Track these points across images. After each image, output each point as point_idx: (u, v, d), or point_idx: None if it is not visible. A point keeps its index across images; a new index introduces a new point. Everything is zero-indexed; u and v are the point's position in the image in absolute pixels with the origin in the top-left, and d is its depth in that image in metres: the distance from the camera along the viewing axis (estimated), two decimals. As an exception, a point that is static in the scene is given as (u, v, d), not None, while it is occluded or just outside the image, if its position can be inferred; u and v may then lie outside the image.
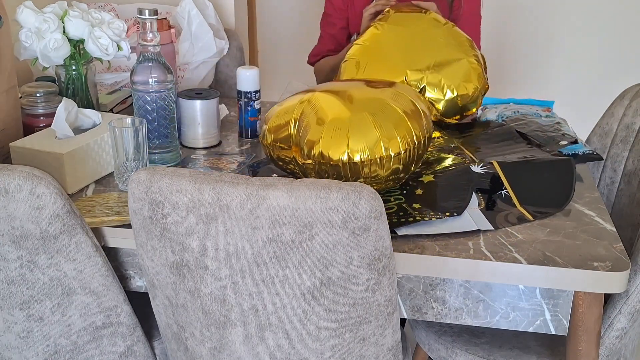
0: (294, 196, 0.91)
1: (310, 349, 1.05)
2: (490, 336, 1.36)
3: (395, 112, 1.21)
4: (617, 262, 1.08)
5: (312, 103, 1.24)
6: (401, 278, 1.15)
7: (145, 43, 1.38)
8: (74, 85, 1.55)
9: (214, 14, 1.97)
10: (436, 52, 1.61)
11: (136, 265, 1.25)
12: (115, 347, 1.22)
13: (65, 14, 1.48)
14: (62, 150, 1.30)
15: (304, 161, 1.22)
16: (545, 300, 1.13)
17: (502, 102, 1.76)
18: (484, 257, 1.09)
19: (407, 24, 1.65)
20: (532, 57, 3.10)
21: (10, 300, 1.12)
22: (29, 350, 1.18)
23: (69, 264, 1.10)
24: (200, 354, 1.11)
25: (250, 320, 1.04)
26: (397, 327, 1.07)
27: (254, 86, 1.59)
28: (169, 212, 0.97)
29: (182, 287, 1.04)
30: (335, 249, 0.94)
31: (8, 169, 1.01)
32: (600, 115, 1.64)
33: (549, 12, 3.01)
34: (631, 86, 1.59)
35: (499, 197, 1.29)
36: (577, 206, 1.27)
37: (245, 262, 0.98)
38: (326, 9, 2.01)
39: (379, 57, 1.62)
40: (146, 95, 1.39)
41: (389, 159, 1.19)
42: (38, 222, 1.04)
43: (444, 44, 1.62)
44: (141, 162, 1.32)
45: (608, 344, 1.22)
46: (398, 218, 1.20)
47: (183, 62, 1.91)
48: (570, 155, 1.44)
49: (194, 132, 1.55)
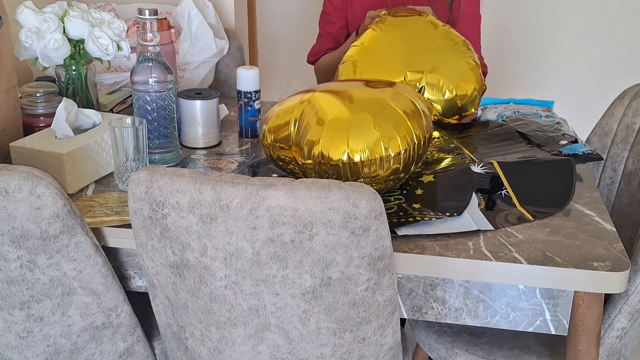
0: (294, 196, 0.91)
1: (310, 349, 1.05)
2: (490, 336, 1.36)
3: (395, 112, 1.21)
4: (617, 262, 1.08)
5: (312, 103, 1.24)
6: (401, 278, 1.15)
7: (145, 43, 1.38)
8: (74, 85, 1.55)
9: (214, 14, 1.97)
10: (434, 54, 1.61)
11: (136, 265, 1.25)
12: (115, 347, 1.22)
13: (65, 14, 1.48)
14: (62, 150, 1.30)
15: (304, 161, 1.22)
16: (545, 300, 1.13)
17: (502, 102, 1.76)
18: (484, 257, 1.09)
19: (404, 26, 1.65)
20: (532, 57, 3.10)
21: (10, 300, 1.12)
22: (29, 350, 1.18)
23: (69, 264, 1.10)
24: (200, 354, 1.11)
25: (250, 320, 1.04)
26: (397, 327, 1.07)
27: (254, 86, 1.59)
28: (169, 212, 0.97)
29: (182, 287, 1.04)
30: (335, 249, 0.94)
31: (8, 169, 1.01)
32: (600, 115, 1.64)
33: (549, 12, 3.01)
34: (631, 86, 1.59)
35: (499, 197, 1.29)
36: (577, 206, 1.27)
37: (245, 262, 0.98)
38: (325, 8, 2.00)
39: (377, 58, 1.62)
40: (146, 95, 1.39)
41: (389, 159, 1.19)
42: (38, 222, 1.04)
43: (442, 45, 1.63)
44: (141, 162, 1.32)
45: (608, 344, 1.22)
46: (398, 218, 1.20)
47: (183, 62, 1.91)
48: (570, 155, 1.44)
49: (194, 132, 1.55)
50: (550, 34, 3.05)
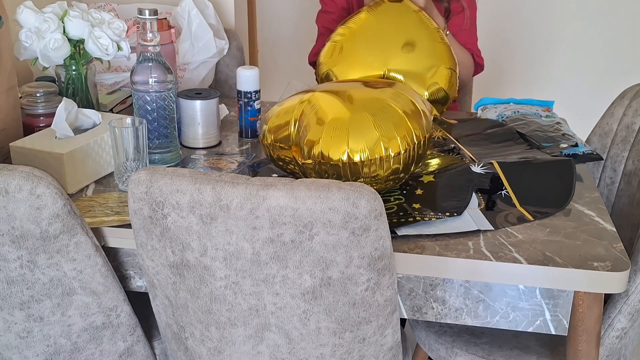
0: (294, 196, 0.91)
1: (310, 349, 1.05)
2: (490, 336, 1.36)
3: (395, 112, 1.21)
4: (617, 262, 1.08)
5: (312, 103, 1.24)
6: (401, 278, 1.15)
7: (145, 43, 1.38)
8: (74, 85, 1.55)
9: (214, 14, 1.97)
10: (420, 53, 1.60)
11: (136, 265, 1.25)
12: (115, 347, 1.22)
13: (65, 14, 1.47)
14: (62, 150, 1.30)
15: (304, 161, 1.22)
16: (545, 300, 1.12)
17: (502, 102, 1.76)
18: (484, 257, 1.09)
19: (397, 16, 1.63)
20: (532, 57, 3.10)
21: (10, 300, 1.12)
22: (29, 350, 1.18)
23: (69, 264, 1.10)
24: (200, 354, 1.11)
25: (250, 320, 1.04)
26: (397, 327, 1.07)
27: (254, 86, 1.59)
28: (169, 212, 0.97)
29: (182, 287, 1.04)
30: (335, 249, 0.94)
31: (8, 169, 1.01)
32: (600, 115, 1.64)
33: (549, 12, 3.01)
34: (631, 86, 1.59)
35: (499, 197, 1.29)
36: (577, 206, 1.27)
37: (245, 262, 0.98)
38: (326, 7, 1.98)
39: (361, 49, 1.61)
40: (146, 95, 1.39)
41: (389, 159, 1.19)
42: (38, 222, 1.04)
43: (426, 49, 1.61)
44: (141, 162, 1.32)
45: (608, 344, 1.22)
46: (398, 218, 1.20)
47: (183, 62, 1.91)
48: (570, 155, 1.44)
49: (194, 132, 1.55)
50: (551, 33, 3.05)
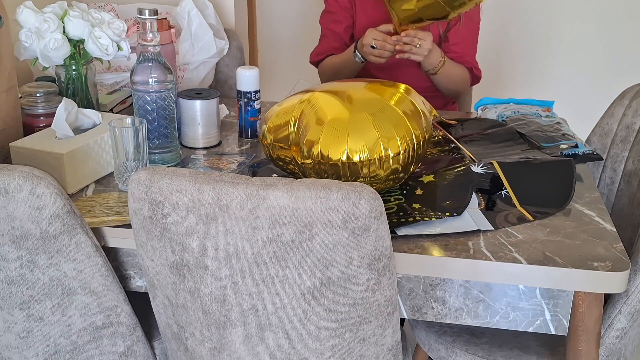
0: (294, 196, 0.91)
1: (310, 349, 1.05)
2: (490, 336, 1.35)
3: (394, 112, 1.21)
4: (617, 262, 1.08)
5: (311, 103, 1.24)
6: (401, 278, 1.15)
7: (145, 43, 1.38)
8: (74, 85, 1.55)
9: (214, 14, 1.97)
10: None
11: (136, 265, 1.25)
12: (115, 347, 1.22)
13: (65, 14, 1.47)
14: (62, 150, 1.30)
15: (304, 161, 1.22)
16: (545, 300, 1.12)
17: (502, 102, 1.76)
18: (484, 257, 1.09)
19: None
20: (532, 57, 3.10)
21: (10, 300, 1.12)
22: (29, 350, 1.18)
23: (69, 264, 1.10)
24: (200, 354, 1.11)
25: (250, 320, 1.04)
26: (397, 327, 1.07)
27: (254, 86, 1.59)
28: (169, 212, 0.97)
29: (182, 287, 1.04)
30: (335, 249, 0.94)
31: (8, 169, 1.01)
32: (600, 115, 1.64)
33: (549, 12, 3.01)
34: (631, 86, 1.59)
35: (499, 197, 1.29)
36: (577, 206, 1.27)
37: (245, 262, 0.98)
38: (330, 7, 1.98)
39: None
40: (146, 95, 1.39)
41: (389, 159, 1.19)
42: (38, 222, 1.04)
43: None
44: (141, 162, 1.32)
45: (608, 344, 1.22)
46: (398, 218, 1.20)
47: (183, 62, 1.91)
48: (570, 155, 1.44)
49: (194, 132, 1.55)
50: (550, 33, 3.05)
